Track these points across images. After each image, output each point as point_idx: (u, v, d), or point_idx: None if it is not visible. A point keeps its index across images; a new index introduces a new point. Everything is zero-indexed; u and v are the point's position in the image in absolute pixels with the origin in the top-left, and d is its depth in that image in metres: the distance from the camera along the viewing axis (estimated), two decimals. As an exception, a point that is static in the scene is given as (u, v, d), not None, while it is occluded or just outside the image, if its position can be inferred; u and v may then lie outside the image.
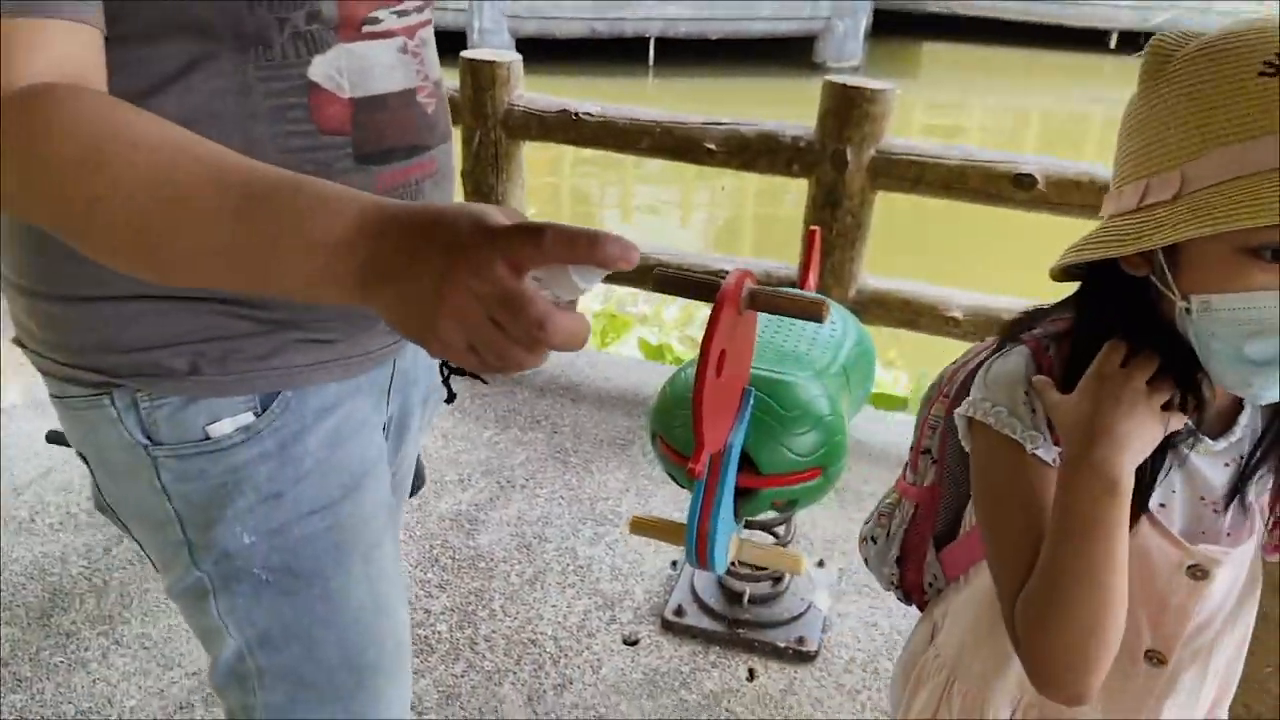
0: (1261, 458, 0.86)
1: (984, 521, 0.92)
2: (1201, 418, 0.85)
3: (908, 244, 6.94)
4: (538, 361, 0.61)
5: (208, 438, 0.86)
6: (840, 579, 2.23)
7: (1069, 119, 12.94)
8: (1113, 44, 14.37)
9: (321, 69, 0.80)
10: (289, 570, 0.91)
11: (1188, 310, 0.75)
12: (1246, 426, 0.86)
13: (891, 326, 2.83)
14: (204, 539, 0.89)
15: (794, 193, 2.99)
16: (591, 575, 2.26)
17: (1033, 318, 0.94)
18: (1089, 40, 14.36)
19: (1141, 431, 0.80)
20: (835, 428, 1.68)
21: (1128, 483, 0.79)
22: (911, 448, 1.09)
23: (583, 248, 0.57)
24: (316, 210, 0.63)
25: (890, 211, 2.91)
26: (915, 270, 3.13)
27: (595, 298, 4.66)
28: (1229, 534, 0.89)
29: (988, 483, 0.91)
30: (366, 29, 0.83)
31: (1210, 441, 0.86)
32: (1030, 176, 2.49)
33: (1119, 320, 0.83)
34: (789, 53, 14.47)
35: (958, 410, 0.92)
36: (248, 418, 0.87)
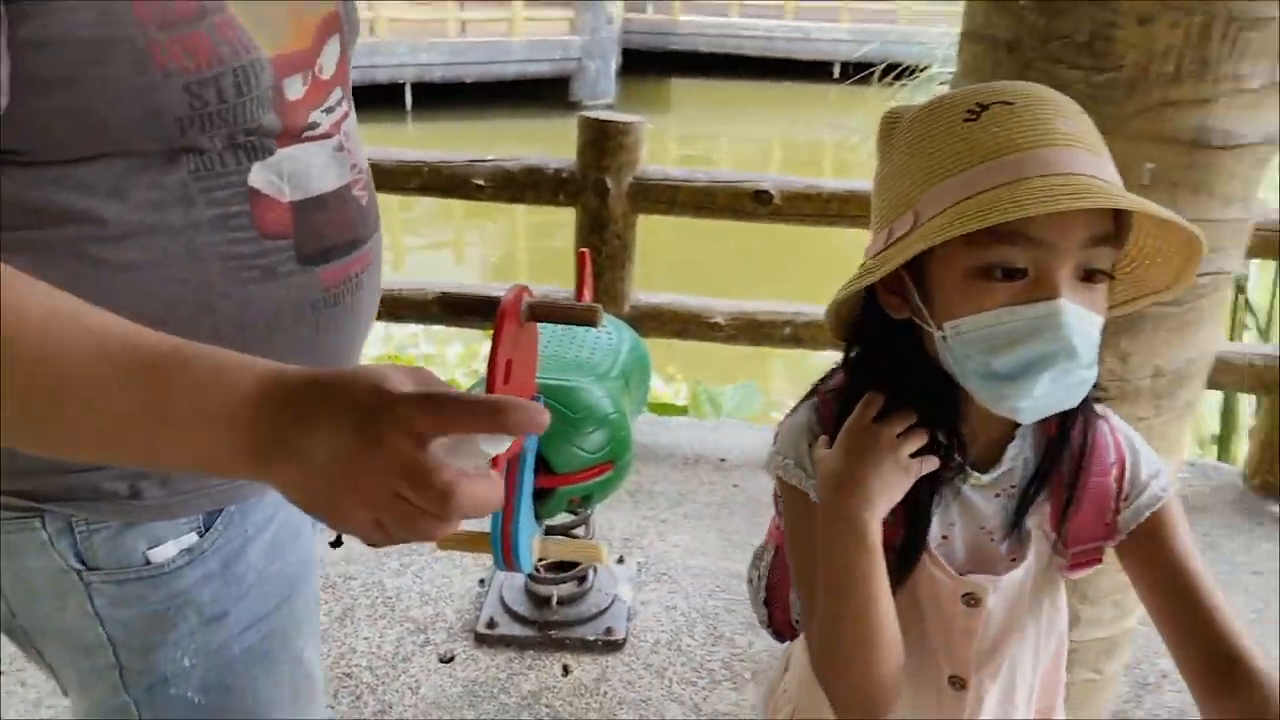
0: (1037, 489, 0.89)
1: (789, 565, 0.98)
2: (967, 453, 0.89)
3: (674, 260, 7.31)
4: (450, 529, 0.59)
5: (149, 563, 0.82)
6: (640, 571, 2.40)
7: (805, 143, 14.07)
8: (836, 74, 15.72)
9: (261, 175, 0.79)
10: (222, 686, 0.89)
11: (944, 338, 0.80)
12: (1015, 458, 0.89)
13: (665, 337, 3.05)
14: (140, 664, 0.85)
15: (563, 225, 3.16)
16: (401, 604, 2.30)
17: (834, 373, 0.98)
18: (817, 71, 15.65)
19: (887, 484, 0.84)
20: (620, 424, 1.84)
21: (876, 532, 0.84)
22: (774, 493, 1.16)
23: (485, 417, 0.56)
24: (207, 384, 0.60)
25: (655, 232, 3.15)
26: (682, 284, 3.38)
27: (375, 342, 4.65)
28: (1012, 558, 0.91)
29: (787, 528, 0.96)
30: (305, 134, 0.82)
31: (979, 475, 0.89)
32: (767, 193, 2.78)
33: (888, 366, 0.88)
34: (545, 93, 14.86)
35: (764, 463, 0.98)
36: (191, 538, 0.84)
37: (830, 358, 3.91)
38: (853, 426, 0.87)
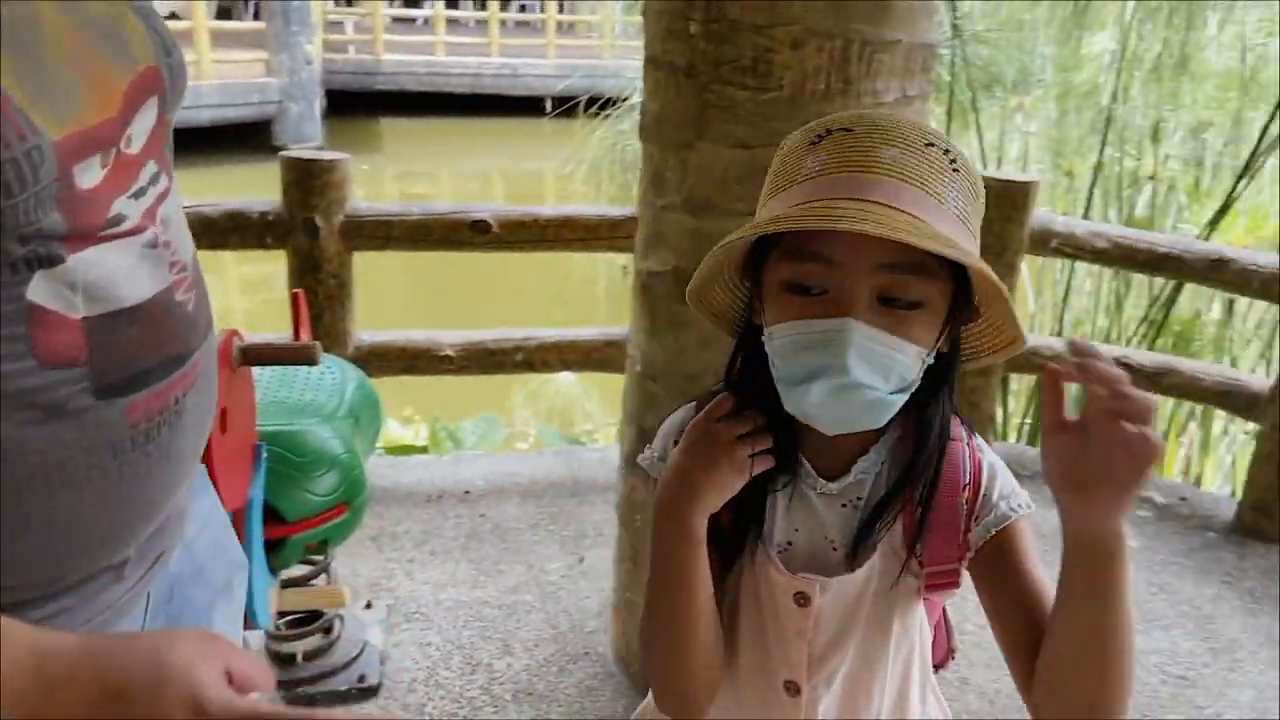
0: (881, 511, 0.88)
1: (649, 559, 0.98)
2: (804, 460, 0.90)
3: (401, 298, 7.18)
4: None
5: None
6: (390, 613, 2.34)
7: (525, 174, 14.31)
8: (548, 108, 16.10)
9: (45, 288, 0.63)
10: None
11: (765, 344, 0.83)
12: (864, 471, 0.90)
13: (394, 375, 3.00)
14: None
15: (279, 274, 3.04)
16: (128, 690, 2.10)
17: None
18: (529, 106, 15.93)
19: (718, 481, 0.85)
20: (351, 464, 1.81)
21: (699, 527, 0.85)
22: None
23: None
24: None
25: (377, 270, 3.09)
26: (412, 321, 3.34)
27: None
28: (850, 568, 0.91)
29: (648, 522, 0.95)
30: (105, 232, 0.66)
31: (825, 483, 0.90)
32: (484, 222, 2.83)
33: (746, 371, 0.89)
34: (247, 138, 14.10)
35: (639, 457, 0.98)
36: None
37: (567, 380, 4.03)
38: (698, 423, 0.88)
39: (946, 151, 0.80)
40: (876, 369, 0.78)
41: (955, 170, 0.80)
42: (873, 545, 0.89)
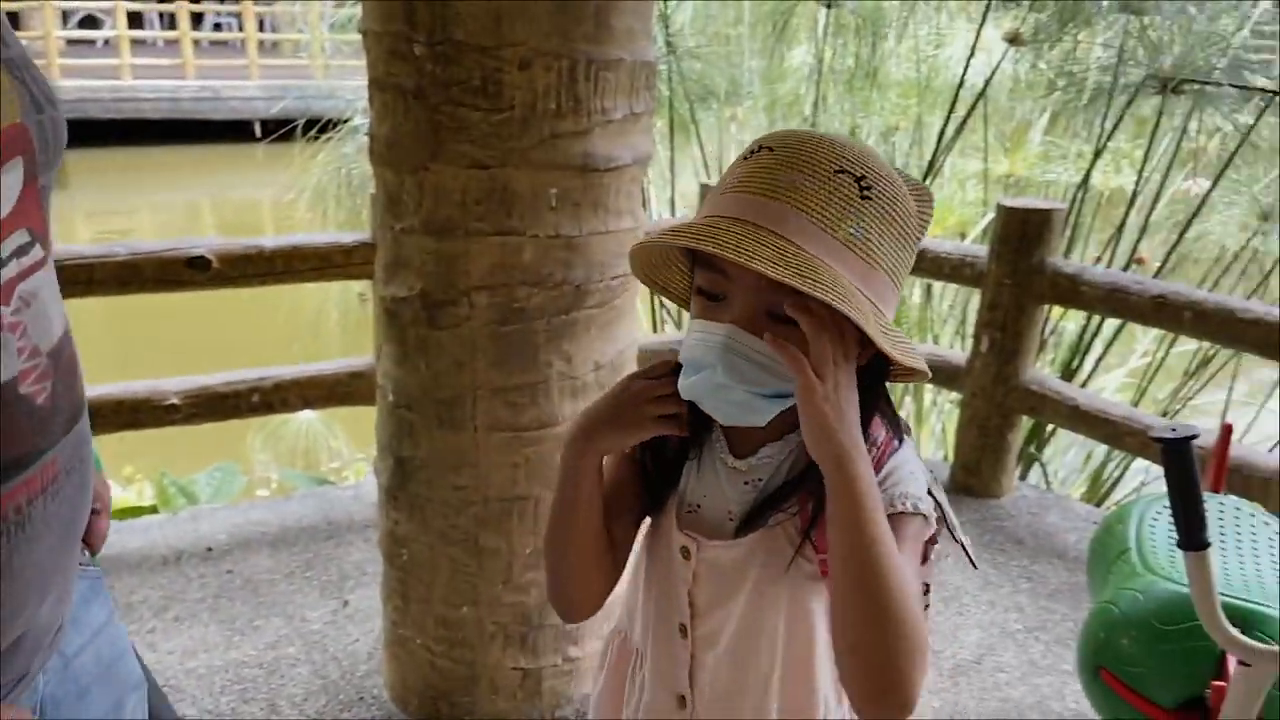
0: (776, 499, 0.93)
1: None
2: (719, 436, 0.97)
3: (112, 348, 6.53)
4: None
5: None
6: (133, 695, 2.12)
7: (240, 204, 13.45)
8: (259, 133, 15.20)
9: None
10: None
11: None
12: (770, 456, 0.95)
13: (112, 431, 2.71)
14: None
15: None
16: None
17: None
18: (237, 131, 15.00)
19: (618, 428, 0.94)
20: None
21: (588, 467, 0.94)
22: None
23: None
24: None
25: (81, 319, 2.78)
26: (129, 371, 3.04)
27: None
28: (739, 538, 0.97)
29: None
30: None
31: (734, 459, 0.96)
32: (204, 258, 2.62)
33: None
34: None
35: None
36: None
37: (307, 418, 3.82)
38: (624, 378, 0.97)
39: (861, 179, 0.84)
40: (750, 374, 0.85)
41: (866, 198, 0.83)
42: (762, 523, 0.94)
